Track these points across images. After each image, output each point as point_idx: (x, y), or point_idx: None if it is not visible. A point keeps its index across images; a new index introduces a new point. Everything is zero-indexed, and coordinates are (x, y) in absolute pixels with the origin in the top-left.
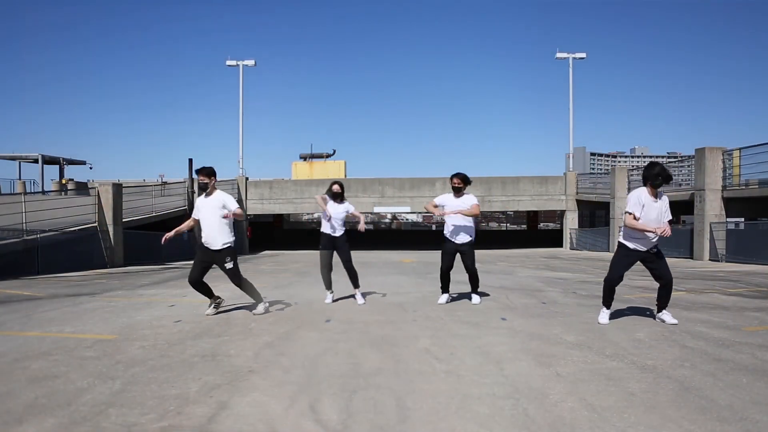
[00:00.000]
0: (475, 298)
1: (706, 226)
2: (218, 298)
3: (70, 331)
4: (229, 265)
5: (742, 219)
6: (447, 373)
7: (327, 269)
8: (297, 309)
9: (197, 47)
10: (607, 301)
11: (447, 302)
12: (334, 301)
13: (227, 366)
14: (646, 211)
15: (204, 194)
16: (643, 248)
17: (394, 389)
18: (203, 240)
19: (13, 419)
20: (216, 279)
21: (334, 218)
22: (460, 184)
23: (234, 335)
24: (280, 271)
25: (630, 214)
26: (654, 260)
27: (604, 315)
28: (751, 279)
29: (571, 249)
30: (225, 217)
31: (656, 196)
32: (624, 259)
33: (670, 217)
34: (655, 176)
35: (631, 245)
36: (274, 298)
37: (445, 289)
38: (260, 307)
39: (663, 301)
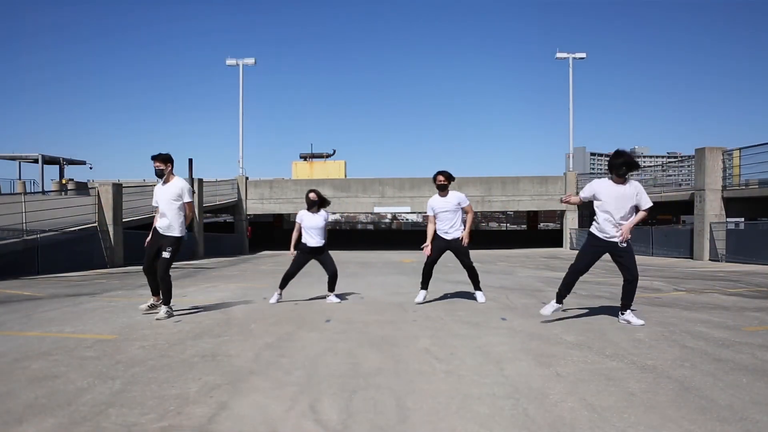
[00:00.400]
0: (480, 296)
1: (706, 226)
2: (160, 300)
3: (70, 331)
4: (166, 254)
5: (742, 219)
6: (447, 373)
7: (294, 272)
8: (297, 309)
9: (197, 47)
10: (561, 293)
11: (424, 300)
12: (278, 301)
13: (227, 366)
14: (605, 197)
15: (161, 182)
16: (608, 237)
17: (394, 389)
18: (158, 225)
19: (13, 419)
20: (215, 279)
21: (310, 229)
22: (445, 181)
23: (234, 335)
24: (280, 272)
25: (576, 195)
26: (623, 255)
27: (549, 307)
28: (751, 279)
29: (571, 249)
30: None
31: (624, 183)
32: (589, 248)
33: (649, 204)
34: (619, 166)
35: (598, 234)
36: (274, 299)
37: (425, 285)
38: (162, 311)
39: (627, 299)
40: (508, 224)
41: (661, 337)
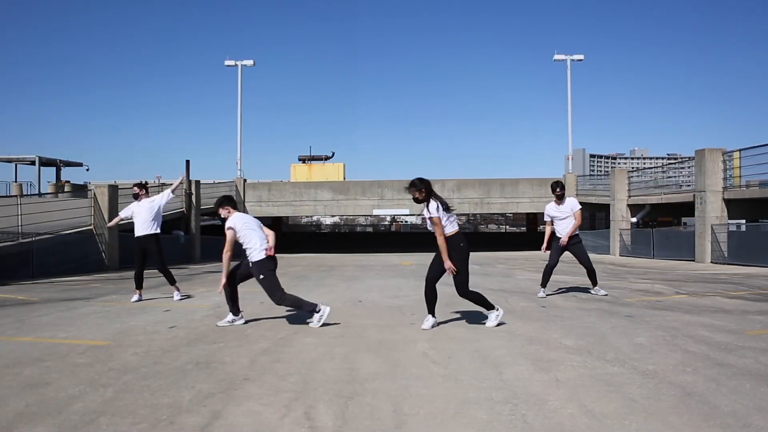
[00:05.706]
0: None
1: (707, 228)
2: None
3: (63, 337)
4: None
5: (744, 221)
6: (445, 377)
7: None
8: (294, 314)
9: (196, 48)
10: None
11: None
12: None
13: (222, 374)
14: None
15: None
16: None
17: (390, 394)
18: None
19: (1, 427)
20: (212, 283)
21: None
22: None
23: (229, 341)
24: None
25: None
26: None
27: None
28: (753, 281)
29: None
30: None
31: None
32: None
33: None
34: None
35: None
36: (270, 302)
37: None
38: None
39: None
40: (507, 226)
41: (662, 341)
